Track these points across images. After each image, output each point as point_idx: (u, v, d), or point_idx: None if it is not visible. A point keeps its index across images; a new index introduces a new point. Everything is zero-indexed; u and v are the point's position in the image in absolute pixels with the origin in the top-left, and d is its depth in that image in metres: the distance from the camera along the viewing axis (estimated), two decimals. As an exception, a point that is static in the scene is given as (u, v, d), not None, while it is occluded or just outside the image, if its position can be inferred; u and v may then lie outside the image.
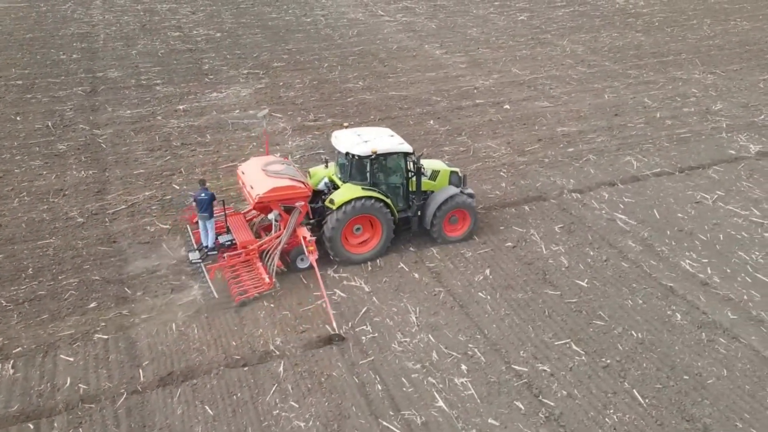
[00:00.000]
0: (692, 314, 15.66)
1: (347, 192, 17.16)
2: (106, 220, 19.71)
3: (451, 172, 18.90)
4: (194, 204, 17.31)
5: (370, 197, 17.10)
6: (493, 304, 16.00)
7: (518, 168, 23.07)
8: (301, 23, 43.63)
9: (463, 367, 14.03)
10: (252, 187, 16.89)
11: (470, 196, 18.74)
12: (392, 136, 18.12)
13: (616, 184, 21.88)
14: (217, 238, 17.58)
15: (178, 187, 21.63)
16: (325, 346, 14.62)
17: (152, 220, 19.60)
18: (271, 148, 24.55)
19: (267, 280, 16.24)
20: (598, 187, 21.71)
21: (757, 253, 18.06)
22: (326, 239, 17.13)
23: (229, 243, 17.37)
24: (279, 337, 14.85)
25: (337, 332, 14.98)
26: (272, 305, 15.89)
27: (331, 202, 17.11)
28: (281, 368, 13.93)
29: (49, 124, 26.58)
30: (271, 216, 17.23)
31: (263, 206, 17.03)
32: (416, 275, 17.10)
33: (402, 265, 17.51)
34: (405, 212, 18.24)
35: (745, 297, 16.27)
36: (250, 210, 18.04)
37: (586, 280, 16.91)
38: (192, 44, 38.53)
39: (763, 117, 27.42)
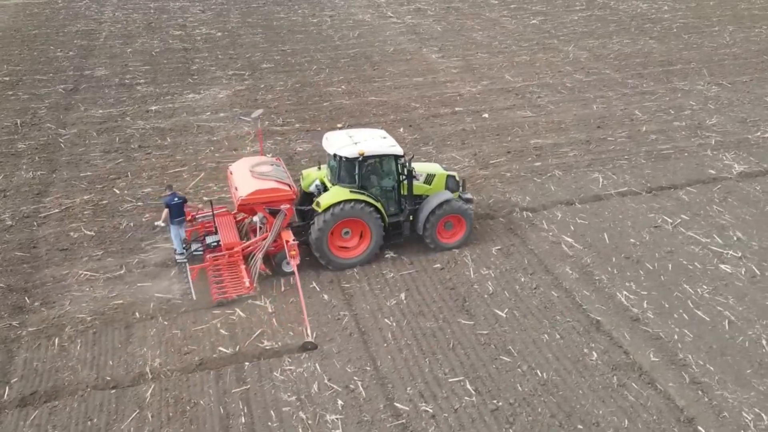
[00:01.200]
0: (611, 353, 14.29)
1: (334, 194, 16.65)
2: (35, 224, 19.37)
3: (448, 176, 18.16)
4: (167, 210, 16.88)
5: (358, 200, 16.51)
6: (396, 332, 14.94)
7: (476, 182, 21.80)
8: (306, 23, 42.95)
9: (340, 402, 13.03)
10: (237, 188, 16.66)
11: (468, 201, 18.03)
12: (384, 138, 17.52)
13: (574, 203, 20.41)
14: (204, 238, 17.37)
15: (119, 192, 21.18)
16: (203, 370, 13.84)
17: (79, 226, 19.15)
18: (229, 153, 24.03)
19: (247, 284, 15.82)
20: (553, 205, 20.28)
21: (704, 286, 16.46)
22: (312, 242, 16.64)
23: (215, 244, 17.05)
24: (160, 357, 14.15)
25: (311, 340, 14.39)
26: (166, 322, 15.22)
27: (318, 204, 16.65)
28: (149, 393, 13.23)
29: (18, 122, 26.55)
30: (256, 218, 16.88)
31: (247, 208, 16.72)
32: (326, 296, 16.17)
33: (315, 284, 16.59)
34: (397, 217, 17.54)
35: (676, 336, 14.77)
36: (238, 212, 17.62)
37: (507, 309, 15.68)
38: (189, 43, 38.27)
39: (759, 134, 25.39)
